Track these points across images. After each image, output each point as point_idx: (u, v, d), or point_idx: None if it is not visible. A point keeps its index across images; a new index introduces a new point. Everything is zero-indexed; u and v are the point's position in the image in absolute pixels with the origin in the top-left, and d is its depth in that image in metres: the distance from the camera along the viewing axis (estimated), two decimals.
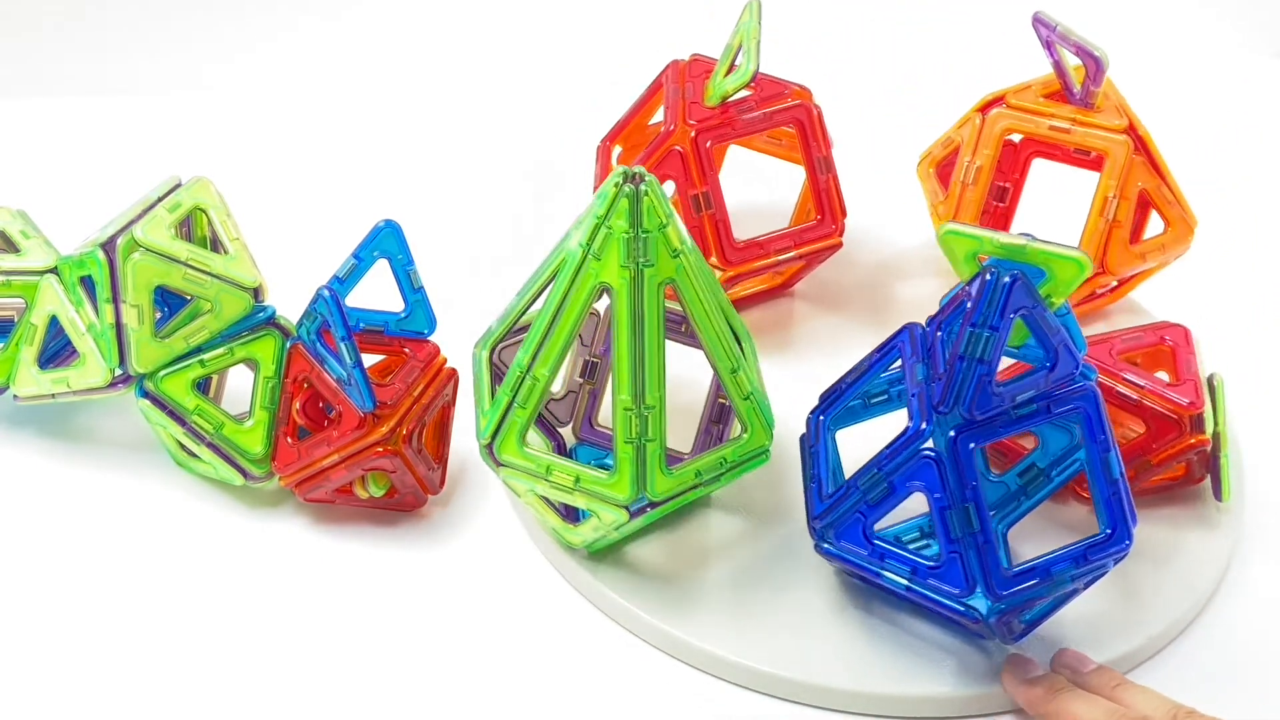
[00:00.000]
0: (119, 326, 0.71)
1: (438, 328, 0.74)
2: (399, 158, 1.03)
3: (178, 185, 0.74)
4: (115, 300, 0.70)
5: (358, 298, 0.72)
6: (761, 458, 0.68)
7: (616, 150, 0.85)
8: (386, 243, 0.72)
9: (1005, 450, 0.73)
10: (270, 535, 0.73)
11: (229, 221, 0.74)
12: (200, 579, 0.71)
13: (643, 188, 0.63)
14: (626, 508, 0.65)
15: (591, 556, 0.71)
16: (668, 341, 0.66)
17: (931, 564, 0.63)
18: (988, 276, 0.61)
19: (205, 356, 0.73)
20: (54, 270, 0.74)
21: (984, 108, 0.83)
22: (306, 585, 0.71)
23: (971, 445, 0.61)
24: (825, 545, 0.66)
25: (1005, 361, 0.63)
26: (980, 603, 0.62)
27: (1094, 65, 0.79)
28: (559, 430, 0.75)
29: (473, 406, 0.70)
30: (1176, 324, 0.76)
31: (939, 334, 0.65)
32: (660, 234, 0.63)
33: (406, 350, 0.74)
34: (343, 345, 0.68)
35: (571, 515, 0.71)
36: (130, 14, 1.15)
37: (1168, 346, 0.75)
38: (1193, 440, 0.71)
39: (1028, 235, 0.62)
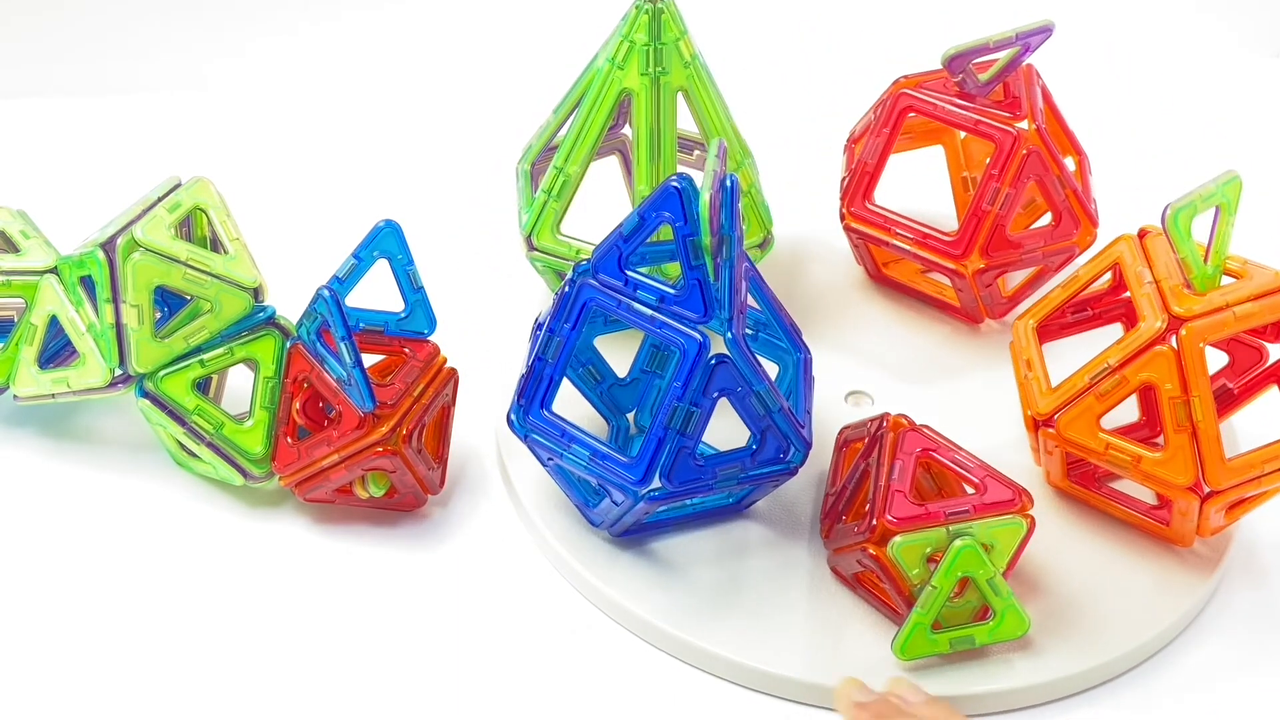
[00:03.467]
0: (119, 326, 0.71)
1: (438, 328, 0.74)
2: (399, 158, 1.03)
3: (178, 185, 0.74)
4: (115, 300, 0.70)
5: (358, 298, 0.72)
6: (769, 247, 0.82)
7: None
8: (386, 243, 0.72)
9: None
10: (270, 535, 0.73)
11: (229, 221, 0.74)
12: (200, 579, 0.71)
13: (660, 5, 0.75)
14: None
15: (592, 558, 0.71)
16: None
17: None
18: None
19: (205, 356, 0.73)
20: (54, 270, 0.74)
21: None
22: (306, 585, 0.71)
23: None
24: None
25: None
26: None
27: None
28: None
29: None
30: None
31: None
32: (675, 46, 0.76)
33: (406, 350, 0.74)
34: (343, 345, 0.68)
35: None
36: (130, 14, 1.15)
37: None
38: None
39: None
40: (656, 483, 0.66)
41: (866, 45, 1.17)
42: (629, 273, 0.66)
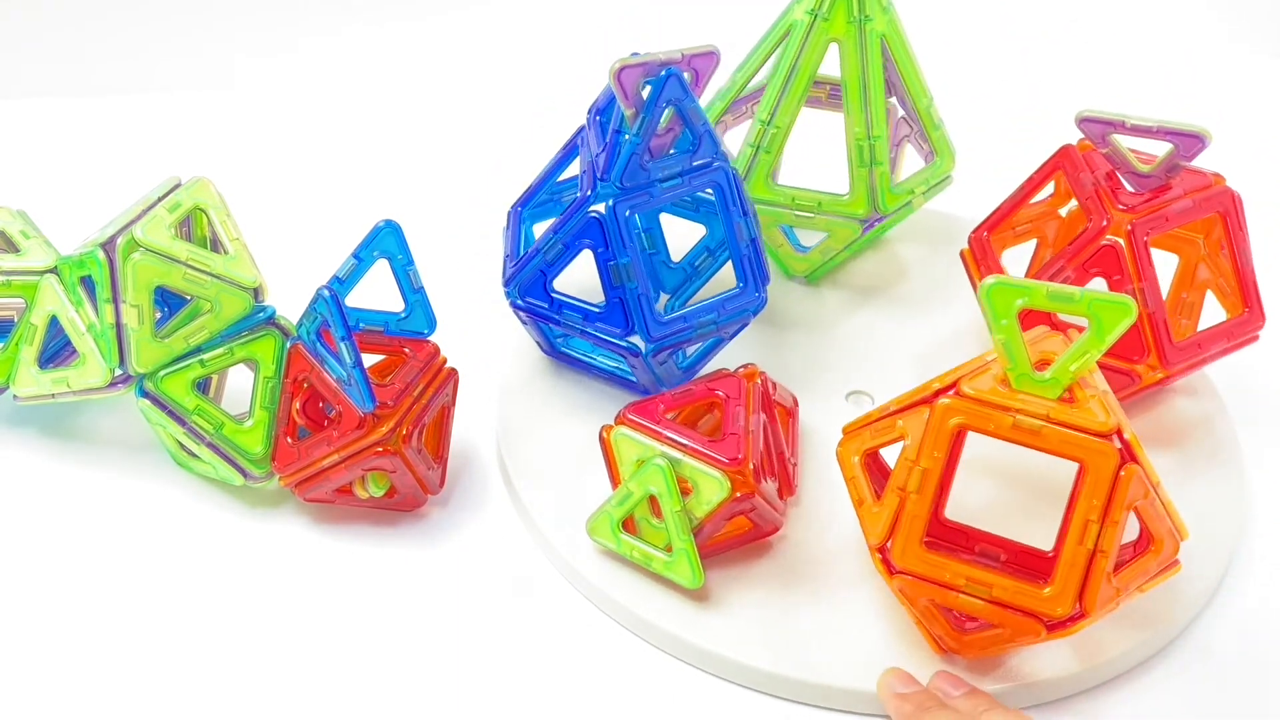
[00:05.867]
0: (119, 326, 0.71)
1: (438, 328, 0.74)
2: (399, 158, 1.03)
3: (177, 185, 0.74)
4: (115, 300, 0.70)
5: (358, 298, 0.72)
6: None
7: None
8: (386, 243, 0.72)
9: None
10: (270, 535, 0.73)
11: (229, 221, 0.74)
12: (200, 579, 0.71)
13: None
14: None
15: (592, 557, 0.71)
16: None
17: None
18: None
19: (205, 356, 0.73)
20: (54, 270, 0.74)
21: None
22: (306, 585, 0.71)
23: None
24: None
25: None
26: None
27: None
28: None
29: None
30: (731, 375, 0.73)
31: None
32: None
33: (406, 350, 0.74)
34: (343, 345, 0.68)
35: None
36: (131, 14, 1.15)
37: (719, 399, 0.72)
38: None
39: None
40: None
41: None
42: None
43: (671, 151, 0.74)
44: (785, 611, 0.69)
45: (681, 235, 0.84)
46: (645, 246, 0.79)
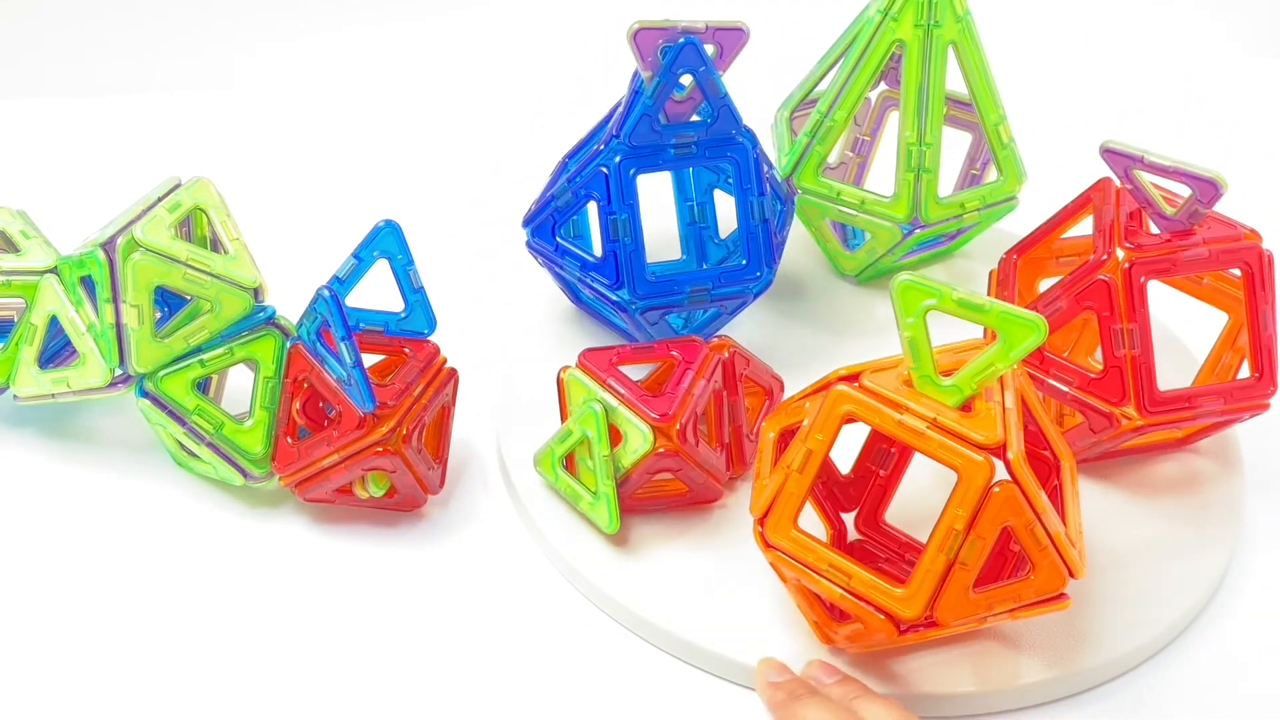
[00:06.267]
0: (119, 326, 0.71)
1: (438, 328, 0.74)
2: (399, 158, 1.03)
3: (178, 185, 0.74)
4: (115, 300, 0.70)
5: (358, 298, 0.72)
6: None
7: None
8: (386, 243, 0.72)
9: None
10: (270, 535, 0.73)
11: (229, 221, 0.74)
12: (200, 579, 0.71)
13: None
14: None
15: (592, 557, 0.71)
16: None
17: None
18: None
19: (205, 356, 0.73)
20: (54, 270, 0.74)
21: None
22: (306, 585, 0.71)
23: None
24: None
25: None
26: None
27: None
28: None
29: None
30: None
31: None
32: (949, 1, 0.79)
33: (406, 350, 0.74)
34: (343, 345, 0.68)
35: None
36: (131, 14, 1.15)
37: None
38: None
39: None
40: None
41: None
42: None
43: (695, 119, 0.75)
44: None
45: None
46: (695, 219, 0.84)
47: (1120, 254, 0.70)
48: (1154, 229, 0.73)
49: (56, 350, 0.77)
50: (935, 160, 0.81)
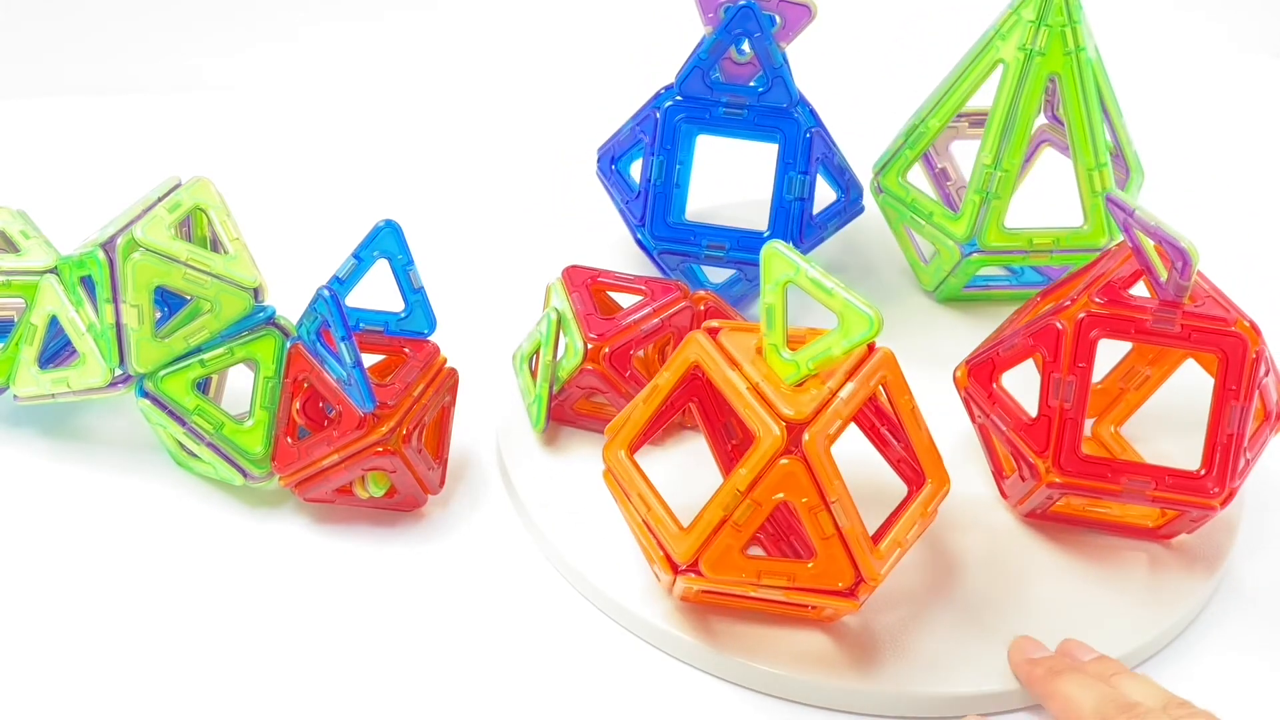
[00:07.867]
0: (119, 326, 0.71)
1: (438, 328, 0.74)
2: (399, 158, 1.03)
3: (178, 185, 0.74)
4: (115, 300, 0.70)
5: (358, 298, 0.72)
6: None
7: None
8: (386, 243, 0.72)
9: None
10: (270, 535, 0.73)
11: (229, 221, 0.74)
12: (200, 579, 0.71)
13: None
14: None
15: (592, 558, 0.71)
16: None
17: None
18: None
19: (205, 356, 0.73)
20: (54, 270, 0.74)
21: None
22: (306, 585, 0.71)
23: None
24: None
25: None
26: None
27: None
28: None
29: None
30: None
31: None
32: (1060, 30, 0.77)
33: (406, 350, 0.74)
34: (343, 345, 0.68)
35: None
36: (131, 14, 1.15)
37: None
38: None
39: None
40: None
41: None
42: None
43: (752, 84, 0.79)
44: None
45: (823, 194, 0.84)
46: (791, 193, 0.82)
47: (1080, 304, 0.68)
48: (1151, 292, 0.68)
49: (56, 350, 0.77)
50: (1007, 188, 0.80)
